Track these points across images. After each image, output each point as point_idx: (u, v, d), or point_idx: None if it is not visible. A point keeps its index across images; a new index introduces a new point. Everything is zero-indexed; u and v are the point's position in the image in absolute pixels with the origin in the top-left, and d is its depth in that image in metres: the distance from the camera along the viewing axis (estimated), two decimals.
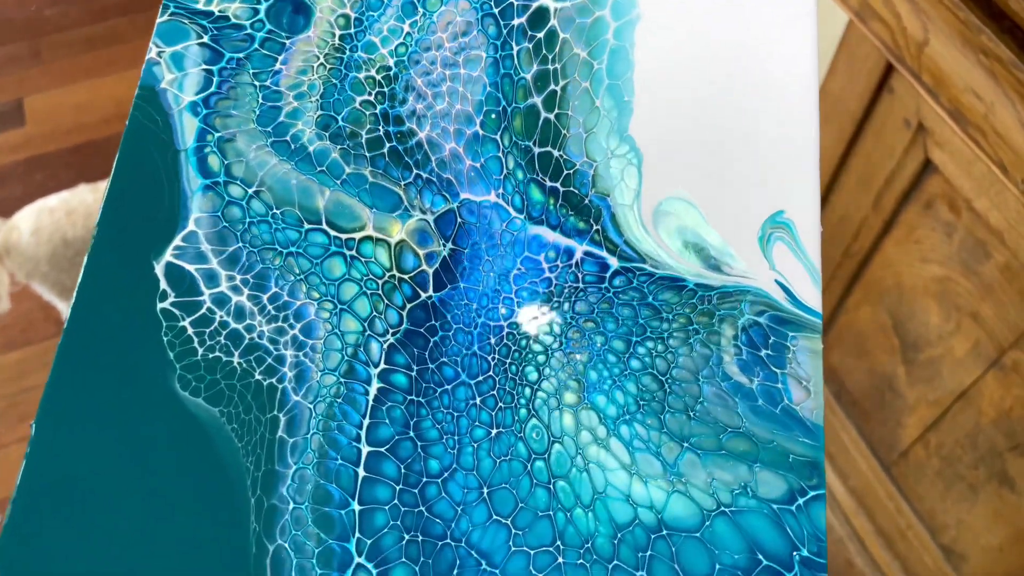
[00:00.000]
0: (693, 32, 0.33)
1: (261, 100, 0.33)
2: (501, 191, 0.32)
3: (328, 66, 0.33)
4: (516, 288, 0.31)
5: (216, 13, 0.34)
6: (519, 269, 0.31)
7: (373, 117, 0.33)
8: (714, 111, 0.32)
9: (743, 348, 0.29)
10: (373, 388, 0.29)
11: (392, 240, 0.31)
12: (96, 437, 0.28)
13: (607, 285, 0.30)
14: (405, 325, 0.30)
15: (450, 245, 0.31)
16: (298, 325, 0.30)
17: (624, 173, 0.32)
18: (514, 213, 0.31)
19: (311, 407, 0.29)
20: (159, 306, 0.30)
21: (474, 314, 0.30)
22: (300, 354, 0.29)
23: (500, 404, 0.29)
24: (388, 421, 0.29)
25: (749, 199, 0.31)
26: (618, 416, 0.29)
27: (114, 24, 1.55)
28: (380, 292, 0.30)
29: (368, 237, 0.31)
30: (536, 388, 0.29)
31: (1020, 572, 0.73)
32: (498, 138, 0.32)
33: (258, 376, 0.29)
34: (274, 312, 0.30)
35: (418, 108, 0.33)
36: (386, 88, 0.33)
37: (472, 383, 0.29)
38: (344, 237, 0.31)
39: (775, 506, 0.27)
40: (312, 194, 0.32)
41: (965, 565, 0.79)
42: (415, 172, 0.32)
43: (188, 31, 0.33)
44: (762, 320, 0.30)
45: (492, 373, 0.29)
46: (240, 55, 0.33)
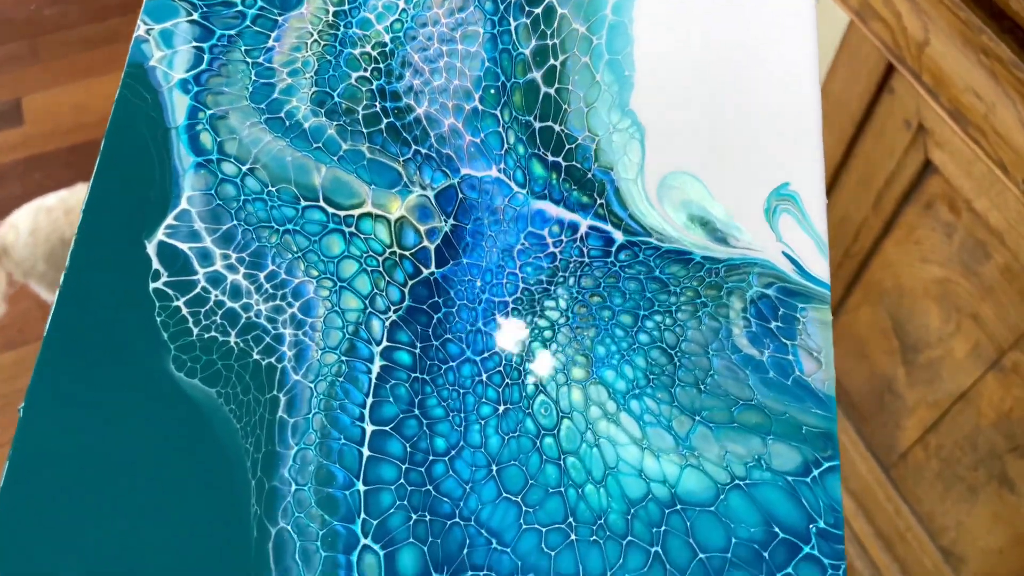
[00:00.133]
0: (692, 6, 0.33)
1: (254, 77, 0.32)
2: (502, 166, 0.31)
3: (322, 43, 0.33)
4: (520, 263, 0.30)
5: None
6: (523, 244, 0.30)
7: (369, 93, 0.32)
8: (715, 84, 0.32)
9: (752, 320, 0.29)
10: (376, 366, 0.28)
11: (392, 216, 0.30)
12: (87, 420, 0.27)
13: (613, 259, 0.30)
14: (407, 302, 0.29)
15: (451, 221, 0.30)
16: (297, 303, 0.29)
17: (627, 147, 0.31)
18: (516, 188, 0.31)
19: (312, 386, 0.28)
20: (151, 286, 0.29)
21: (478, 290, 0.29)
22: (299, 333, 0.29)
23: (507, 380, 0.28)
24: (392, 399, 0.28)
25: (753, 171, 0.31)
26: (628, 390, 0.28)
27: (113, 24, 1.54)
28: (381, 269, 0.30)
29: (367, 214, 0.30)
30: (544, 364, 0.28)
31: (1020, 574, 0.72)
32: (498, 113, 0.32)
33: (256, 356, 0.28)
34: (271, 290, 0.29)
35: (415, 84, 0.32)
36: (382, 64, 0.32)
37: (477, 360, 0.29)
38: (342, 214, 0.30)
39: (790, 478, 0.27)
40: (308, 171, 0.31)
41: (964, 567, 0.79)
42: (414, 148, 0.31)
43: (177, 8, 0.33)
44: (770, 292, 0.29)
45: (498, 349, 0.29)
46: (231, 32, 0.33)
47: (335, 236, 0.30)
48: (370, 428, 0.27)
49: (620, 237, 0.30)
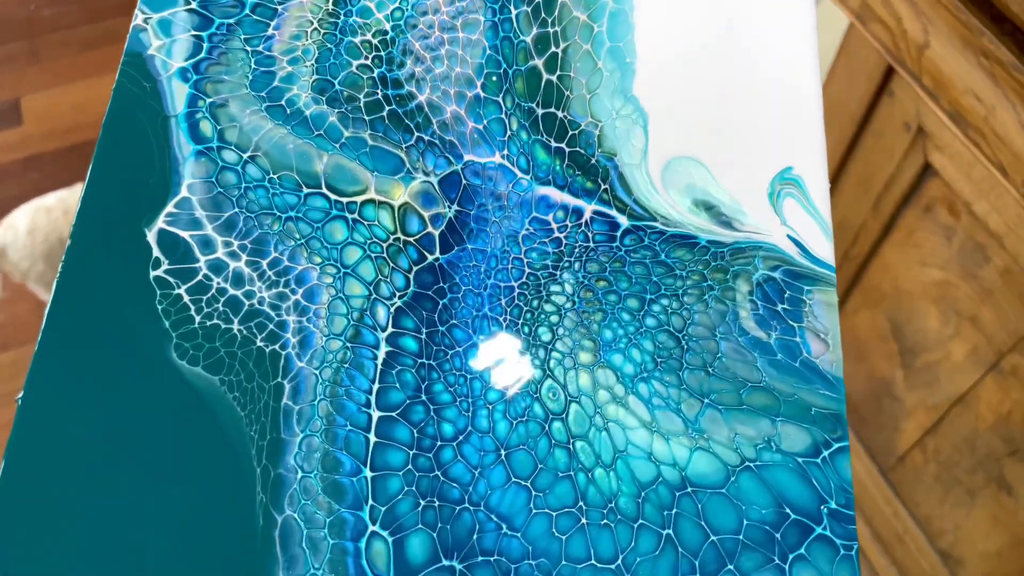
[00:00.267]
0: None
1: (254, 65, 0.32)
2: (506, 152, 0.31)
3: (322, 31, 0.32)
4: (525, 249, 0.30)
5: None
6: (527, 230, 0.30)
7: (371, 81, 0.32)
8: (717, 70, 0.32)
9: (759, 303, 0.29)
10: (381, 352, 0.28)
11: (395, 203, 0.30)
12: (87, 409, 0.27)
13: (618, 244, 0.30)
14: (412, 288, 0.29)
15: (455, 207, 0.30)
16: (300, 290, 0.29)
17: (630, 133, 0.31)
18: (520, 174, 0.31)
19: (317, 373, 0.28)
20: (152, 274, 0.28)
21: (483, 276, 0.29)
22: (303, 319, 0.28)
23: None
24: (399, 385, 0.28)
25: (756, 156, 0.31)
26: (636, 374, 0.28)
27: (112, 24, 1.53)
28: (385, 255, 0.29)
29: (370, 200, 0.30)
30: (551, 348, 0.28)
31: None
32: (500, 100, 0.32)
33: (260, 343, 0.28)
34: (274, 277, 0.29)
35: (417, 71, 0.32)
36: (383, 52, 0.32)
37: (484, 345, 0.28)
38: (345, 201, 0.30)
39: (800, 459, 0.27)
40: (310, 158, 0.30)
41: (963, 570, 0.78)
42: (416, 135, 0.31)
43: None
44: (776, 275, 0.29)
45: (505, 334, 0.28)
46: (230, 20, 0.32)
47: (338, 223, 0.30)
48: (376, 414, 0.27)
49: (625, 222, 0.30)
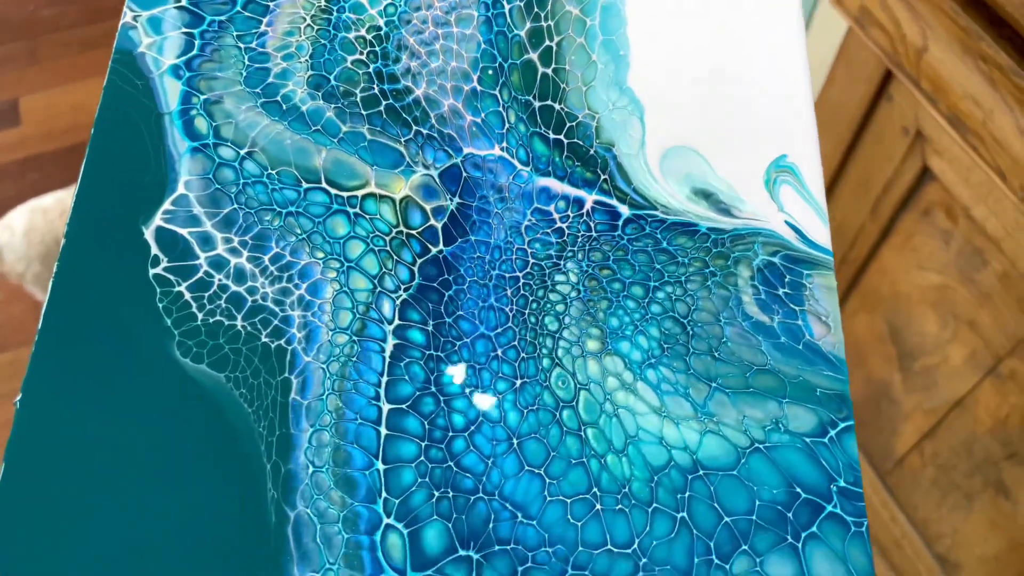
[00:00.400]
0: None
1: (247, 62, 0.32)
2: (504, 145, 0.31)
3: (316, 27, 0.32)
4: (528, 239, 0.30)
5: None
6: (530, 221, 0.30)
7: (367, 76, 0.32)
8: (708, 60, 0.32)
9: (760, 288, 0.29)
10: (389, 345, 0.28)
11: (396, 196, 0.30)
12: (89, 410, 0.26)
13: (620, 232, 0.30)
14: (417, 280, 0.29)
15: (457, 199, 0.30)
16: (304, 285, 0.28)
17: (627, 124, 0.31)
18: (520, 166, 0.31)
19: (324, 367, 0.27)
20: (151, 272, 0.28)
21: (487, 267, 0.29)
22: (308, 314, 0.28)
23: (522, 355, 0.28)
24: (407, 378, 0.27)
25: (751, 144, 0.31)
26: (643, 360, 0.28)
27: (111, 25, 1.52)
28: (388, 249, 0.29)
29: (371, 194, 0.30)
30: (558, 337, 0.28)
31: None
32: (497, 93, 0.32)
33: (265, 339, 0.28)
34: (277, 273, 0.28)
35: (412, 66, 0.32)
36: (378, 47, 0.32)
37: (491, 335, 0.28)
38: (346, 195, 0.30)
39: (808, 439, 0.27)
40: (309, 153, 0.30)
41: (960, 575, 0.79)
42: (415, 129, 0.31)
43: None
44: (776, 260, 0.30)
45: (511, 324, 0.28)
46: (221, 17, 0.32)
47: (340, 217, 0.29)
48: (386, 407, 0.27)
49: (626, 211, 0.30)
